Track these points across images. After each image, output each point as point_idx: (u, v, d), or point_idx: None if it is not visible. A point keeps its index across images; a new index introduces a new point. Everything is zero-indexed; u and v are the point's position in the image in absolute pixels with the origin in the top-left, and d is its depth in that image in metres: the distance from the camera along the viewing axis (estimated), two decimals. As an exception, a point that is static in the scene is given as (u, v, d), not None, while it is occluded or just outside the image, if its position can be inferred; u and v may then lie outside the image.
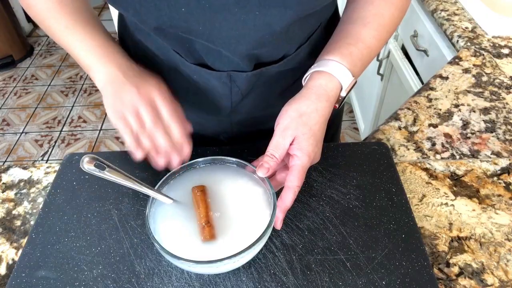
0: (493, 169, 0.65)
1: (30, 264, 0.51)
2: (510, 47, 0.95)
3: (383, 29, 0.58)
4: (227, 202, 0.51)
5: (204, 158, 0.55)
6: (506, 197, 0.60)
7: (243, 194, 0.52)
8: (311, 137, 0.51)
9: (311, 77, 0.55)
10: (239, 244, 0.46)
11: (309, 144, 0.50)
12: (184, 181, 0.54)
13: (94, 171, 0.46)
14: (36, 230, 0.55)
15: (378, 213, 0.55)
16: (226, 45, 0.52)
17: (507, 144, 0.69)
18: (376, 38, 0.57)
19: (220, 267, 0.45)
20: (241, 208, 0.51)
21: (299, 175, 0.49)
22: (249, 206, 0.51)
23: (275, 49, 0.58)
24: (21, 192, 0.63)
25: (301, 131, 0.50)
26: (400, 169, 0.64)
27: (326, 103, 0.52)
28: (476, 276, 0.51)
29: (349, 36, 0.57)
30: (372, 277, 0.49)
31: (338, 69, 0.54)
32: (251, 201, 0.51)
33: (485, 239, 0.55)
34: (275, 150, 0.50)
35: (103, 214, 0.56)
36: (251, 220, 0.49)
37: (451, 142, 0.70)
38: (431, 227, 0.56)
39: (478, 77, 0.84)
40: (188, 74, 0.61)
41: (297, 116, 0.51)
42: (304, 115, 0.51)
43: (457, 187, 0.62)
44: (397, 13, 0.59)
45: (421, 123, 0.73)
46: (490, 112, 0.76)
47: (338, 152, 0.64)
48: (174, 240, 0.47)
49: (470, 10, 1.07)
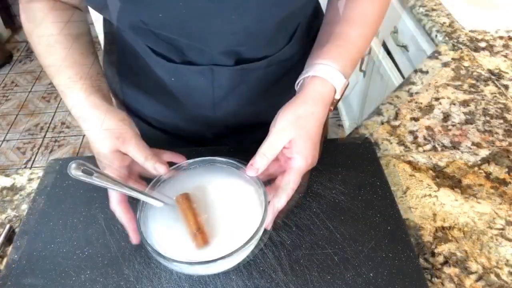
0: (474, 159, 0.66)
1: (16, 272, 0.50)
2: (486, 41, 0.97)
3: (369, 28, 0.59)
4: (218, 204, 0.51)
5: (194, 159, 0.54)
6: (487, 187, 0.62)
7: (234, 194, 0.52)
8: (308, 140, 0.51)
9: (306, 82, 0.54)
10: (232, 244, 0.46)
11: (307, 147, 0.50)
12: (174, 184, 0.53)
13: (82, 177, 0.45)
14: (21, 238, 0.54)
15: (364, 206, 0.56)
16: (205, 43, 0.54)
17: (486, 135, 0.71)
18: (363, 37, 0.58)
19: (214, 268, 0.45)
20: (232, 208, 0.51)
21: (295, 177, 0.49)
22: (241, 206, 0.51)
23: (255, 49, 0.59)
24: (4, 200, 0.62)
25: (298, 134, 0.50)
26: (384, 163, 0.65)
27: (322, 108, 0.53)
28: (460, 264, 0.52)
29: (338, 38, 0.57)
30: (360, 269, 0.49)
31: (331, 73, 0.54)
32: (242, 201, 0.51)
33: (468, 228, 0.56)
34: (267, 149, 0.50)
35: (89, 218, 0.56)
36: (243, 220, 0.49)
37: (432, 134, 0.71)
38: (415, 218, 0.58)
39: (457, 71, 0.86)
40: (169, 74, 0.61)
41: (294, 119, 0.51)
42: (301, 118, 0.51)
43: (439, 179, 0.63)
44: (380, 10, 0.60)
45: (403, 117, 0.75)
46: (469, 104, 0.78)
47: (323, 148, 0.64)
48: (166, 243, 0.47)
49: (448, 5, 1.09)
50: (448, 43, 0.96)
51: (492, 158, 0.66)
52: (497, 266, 0.52)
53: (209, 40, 0.53)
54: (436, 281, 0.51)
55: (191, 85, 0.62)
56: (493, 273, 0.51)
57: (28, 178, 0.65)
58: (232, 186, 0.53)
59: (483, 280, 0.51)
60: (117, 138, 0.50)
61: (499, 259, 0.53)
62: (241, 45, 0.56)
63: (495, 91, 0.81)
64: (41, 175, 0.62)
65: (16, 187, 0.64)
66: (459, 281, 0.51)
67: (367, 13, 0.58)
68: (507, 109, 0.76)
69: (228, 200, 0.52)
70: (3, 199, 0.62)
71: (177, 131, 0.73)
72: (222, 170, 0.54)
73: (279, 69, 0.64)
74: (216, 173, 0.54)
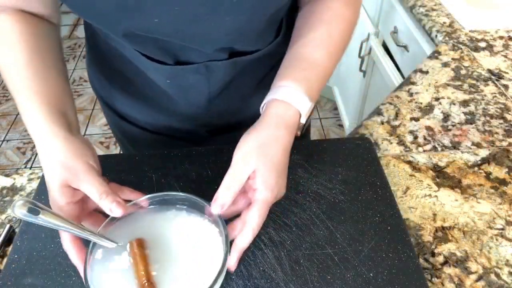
0: (474, 159, 0.66)
1: (16, 272, 0.50)
2: (486, 41, 0.97)
3: (335, 47, 0.56)
4: (175, 248, 0.47)
5: (154, 195, 0.50)
6: (487, 186, 0.62)
7: (194, 236, 0.48)
8: (272, 168, 0.47)
9: (269, 106, 0.52)
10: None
11: (271, 177, 0.46)
12: (129, 223, 0.49)
13: (26, 217, 0.41)
14: (21, 237, 0.54)
15: (364, 206, 0.56)
16: (199, 44, 0.54)
17: (486, 135, 0.71)
18: (330, 58, 0.56)
19: None
20: (190, 252, 0.47)
21: (260, 212, 0.45)
22: (200, 249, 0.47)
23: (247, 45, 0.60)
24: (4, 200, 0.62)
25: (262, 162, 0.47)
26: (384, 163, 0.65)
27: (285, 131, 0.49)
28: (460, 264, 0.52)
29: (304, 60, 0.55)
30: (360, 269, 0.49)
31: (295, 96, 0.51)
32: (202, 243, 0.47)
33: (468, 228, 0.56)
34: (231, 181, 0.46)
35: (89, 218, 0.56)
36: (202, 265, 0.46)
37: (432, 134, 0.71)
38: (415, 218, 0.58)
39: (457, 71, 0.86)
40: (164, 76, 0.61)
41: (256, 146, 0.47)
42: (265, 144, 0.48)
43: (439, 179, 0.63)
44: (348, 28, 0.58)
45: (403, 117, 0.75)
46: (469, 104, 0.78)
47: (323, 148, 0.65)
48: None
49: (447, 5, 1.09)
50: (448, 43, 0.96)
51: (492, 158, 0.66)
52: (497, 266, 0.52)
53: (203, 41, 0.54)
54: (436, 281, 0.51)
55: (188, 84, 0.62)
56: (493, 273, 0.51)
57: (28, 178, 0.65)
58: (192, 227, 0.49)
59: (483, 280, 0.51)
60: (69, 171, 0.45)
61: (499, 259, 0.53)
62: (234, 43, 0.57)
63: (495, 91, 0.81)
64: (41, 175, 0.62)
65: (16, 187, 0.64)
66: (459, 281, 0.51)
67: (333, 33, 0.56)
68: (507, 109, 0.76)
69: (186, 243, 0.48)
70: (3, 199, 0.62)
71: (171, 132, 0.73)
72: (182, 209, 0.50)
73: (270, 60, 0.65)
74: (176, 212, 0.50)
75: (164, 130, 0.73)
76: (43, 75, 0.50)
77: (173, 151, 0.64)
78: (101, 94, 0.74)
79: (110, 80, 0.69)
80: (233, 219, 0.48)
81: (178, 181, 0.59)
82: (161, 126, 0.72)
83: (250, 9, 0.49)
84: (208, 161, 0.62)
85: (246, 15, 0.50)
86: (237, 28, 0.52)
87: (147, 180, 0.60)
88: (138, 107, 0.70)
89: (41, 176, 0.62)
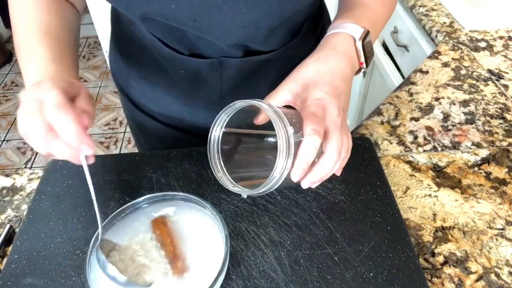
0: (474, 159, 0.66)
1: (16, 272, 0.50)
2: (486, 41, 0.97)
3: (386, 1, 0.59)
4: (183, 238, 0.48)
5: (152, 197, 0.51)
6: (487, 186, 0.62)
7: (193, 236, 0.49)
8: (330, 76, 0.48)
9: (325, 38, 0.53)
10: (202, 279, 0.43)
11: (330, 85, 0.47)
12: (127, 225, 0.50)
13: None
14: (21, 237, 0.54)
15: (364, 206, 0.56)
16: (215, 36, 0.54)
17: (486, 135, 0.71)
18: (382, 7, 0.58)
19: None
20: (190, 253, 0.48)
21: (315, 118, 0.42)
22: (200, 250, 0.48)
23: (263, 43, 0.59)
24: (4, 200, 0.62)
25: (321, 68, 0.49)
26: (384, 163, 0.65)
27: (341, 56, 0.50)
28: (460, 264, 0.52)
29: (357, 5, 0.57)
30: (360, 269, 0.49)
31: (342, 25, 0.53)
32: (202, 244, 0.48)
33: (468, 227, 0.56)
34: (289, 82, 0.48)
35: (89, 218, 0.56)
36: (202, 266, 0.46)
37: (432, 134, 0.71)
38: (415, 218, 0.58)
39: (457, 71, 0.86)
40: (178, 66, 0.62)
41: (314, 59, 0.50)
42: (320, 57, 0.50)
43: (439, 179, 0.63)
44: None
45: (403, 117, 0.75)
46: (469, 104, 0.77)
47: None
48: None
49: (447, 5, 1.09)
50: (448, 43, 0.96)
51: (492, 158, 0.66)
52: (497, 266, 0.52)
53: (218, 32, 0.53)
54: (436, 281, 0.51)
55: (200, 78, 0.63)
56: (493, 273, 0.51)
57: (28, 178, 0.65)
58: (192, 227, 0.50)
59: (483, 280, 0.51)
60: (69, 84, 0.46)
61: (499, 259, 0.53)
62: (250, 39, 0.57)
63: (495, 91, 0.81)
64: (41, 175, 0.62)
65: (16, 187, 0.64)
66: (459, 281, 0.51)
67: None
68: (507, 109, 0.76)
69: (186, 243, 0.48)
70: (3, 199, 0.62)
71: (182, 126, 0.73)
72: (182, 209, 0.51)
73: (286, 63, 0.65)
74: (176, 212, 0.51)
75: (175, 123, 0.73)
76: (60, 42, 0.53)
77: (173, 151, 0.64)
78: (120, 81, 0.75)
79: (128, 67, 0.70)
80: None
81: (178, 181, 0.59)
82: (173, 118, 0.72)
83: (267, 3, 0.49)
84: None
85: (264, 9, 0.50)
86: (253, 21, 0.51)
87: (147, 180, 0.60)
88: (152, 96, 0.71)
89: (41, 176, 0.62)
